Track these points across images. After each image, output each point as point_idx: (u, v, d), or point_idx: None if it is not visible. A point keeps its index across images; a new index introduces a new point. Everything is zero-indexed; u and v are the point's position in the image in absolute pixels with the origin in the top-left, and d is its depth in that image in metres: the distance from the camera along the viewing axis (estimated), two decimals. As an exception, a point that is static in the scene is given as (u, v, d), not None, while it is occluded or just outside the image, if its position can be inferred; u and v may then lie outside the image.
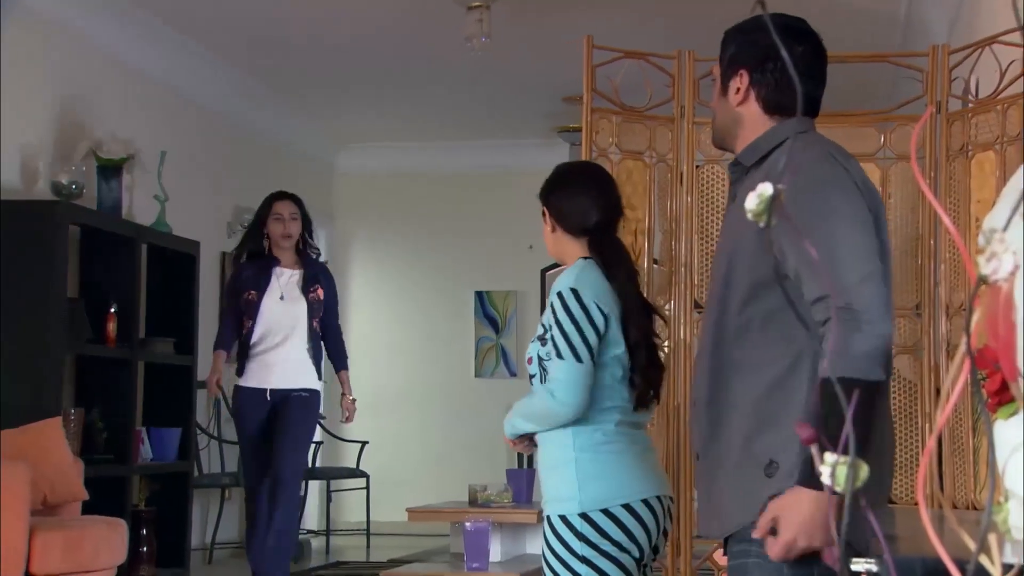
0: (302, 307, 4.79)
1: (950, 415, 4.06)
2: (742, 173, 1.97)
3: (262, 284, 4.77)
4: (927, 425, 3.96)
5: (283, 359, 4.77)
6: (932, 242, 3.97)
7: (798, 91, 2.06)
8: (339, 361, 4.97)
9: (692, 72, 4.14)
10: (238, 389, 4.80)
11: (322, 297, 4.86)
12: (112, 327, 4.93)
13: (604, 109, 4.12)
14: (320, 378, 4.90)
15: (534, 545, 5.65)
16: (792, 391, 1.79)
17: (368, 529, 7.02)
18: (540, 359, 2.46)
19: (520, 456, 7.78)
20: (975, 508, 3.71)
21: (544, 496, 2.51)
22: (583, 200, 2.53)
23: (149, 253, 5.38)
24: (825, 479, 0.77)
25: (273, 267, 4.81)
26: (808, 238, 1.72)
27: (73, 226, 4.88)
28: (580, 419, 2.41)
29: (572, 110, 6.38)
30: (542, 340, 2.45)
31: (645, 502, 2.40)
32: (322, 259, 5.08)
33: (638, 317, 2.47)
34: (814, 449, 0.80)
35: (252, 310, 4.73)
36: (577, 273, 2.46)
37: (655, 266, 4.23)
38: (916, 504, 3.82)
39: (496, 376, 7.94)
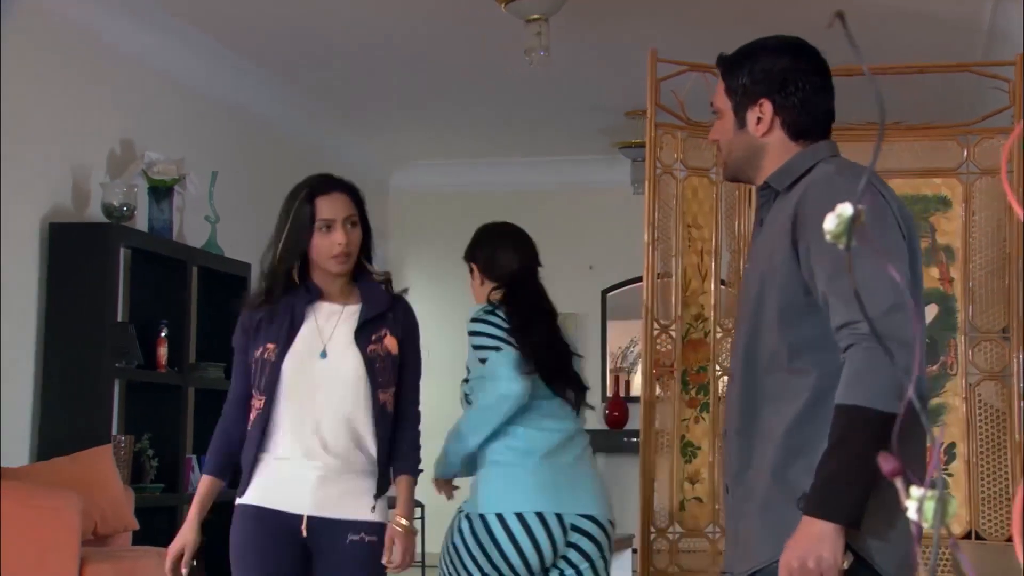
0: (358, 369, 2.61)
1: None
2: (771, 197, 1.91)
3: (285, 330, 2.61)
4: (1018, 456, 3.75)
5: (324, 468, 2.57)
6: (1020, 262, 3.76)
7: (817, 113, 1.98)
8: (404, 459, 2.68)
9: (762, 84, 3.98)
10: (240, 511, 2.65)
11: (394, 351, 2.65)
12: (162, 352, 4.85)
13: (669, 124, 3.97)
14: (379, 495, 2.64)
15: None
16: (823, 420, 1.73)
17: (423, 561, 6.85)
18: (467, 396, 3.04)
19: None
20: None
21: None
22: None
23: (200, 276, 5.30)
24: (911, 514, 0.75)
25: (309, 301, 2.66)
26: (839, 261, 1.70)
27: (124, 248, 4.81)
28: (499, 433, 2.89)
29: (635, 125, 6.21)
30: (467, 380, 3.02)
31: (539, 516, 2.82)
32: (398, 289, 2.80)
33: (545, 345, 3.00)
34: (898, 482, 0.78)
35: (268, 377, 2.58)
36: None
37: (723, 287, 4.06)
38: (1009, 540, 3.60)
39: (555, 400, 7.76)
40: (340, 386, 2.61)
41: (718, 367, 3.93)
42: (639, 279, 4.09)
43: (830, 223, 0.80)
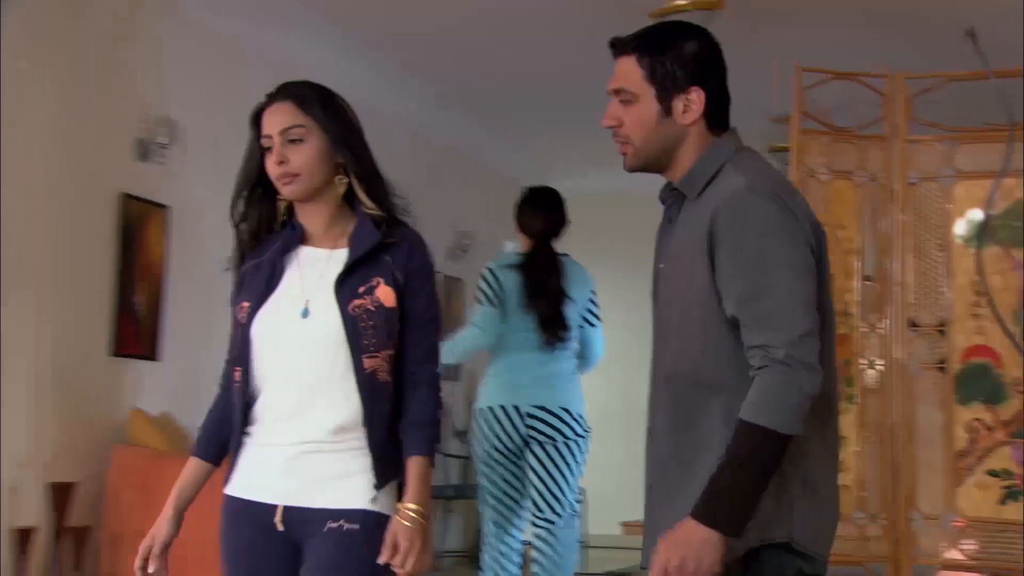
0: (337, 330, 2.06)
1: None
2: (680, 197, 1.87)
3: (263, 283, 2.12)
4: None
5: (297, 450, 2.07)
6: None
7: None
8: (411, 436, 2.08)
9: (905, 91, 4.14)
10: (223, 503, 2.14)
11: (390, 303, 2.09)
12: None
13: (813, 130, 4.16)
14: (381, 485, 2.06)
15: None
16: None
17: (586, 541, 7.18)
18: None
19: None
20: None
21: None
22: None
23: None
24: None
25: (288, 246, 2.15)
26: (753, 284, 1.72)
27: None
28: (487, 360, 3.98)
29: (779, 129, 6.37)
30: None
31: (490, 408, 3.88)
32: (407, 220, 2.20)
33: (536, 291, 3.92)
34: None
35: (240, 344, 2.11)
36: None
37: (867, 283, 4.24)
38: None
39: (704, 392, 7.93)
40: (320, 352, 2.05)
41: (863, 361, 4.14)
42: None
43: (961, 228, 0.86)
